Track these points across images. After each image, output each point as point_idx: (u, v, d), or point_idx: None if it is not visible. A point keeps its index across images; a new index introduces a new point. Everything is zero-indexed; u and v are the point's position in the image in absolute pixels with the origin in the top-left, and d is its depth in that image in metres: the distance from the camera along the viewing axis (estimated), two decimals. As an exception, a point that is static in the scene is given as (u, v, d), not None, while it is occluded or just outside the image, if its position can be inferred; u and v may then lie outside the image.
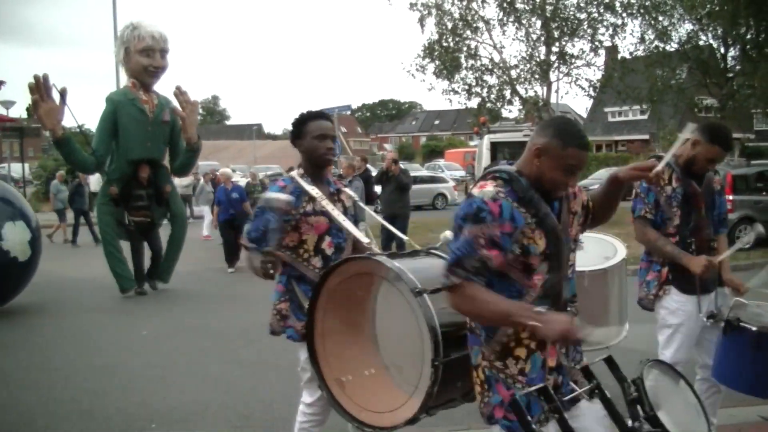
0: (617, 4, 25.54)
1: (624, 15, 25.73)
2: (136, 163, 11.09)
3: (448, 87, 27.07)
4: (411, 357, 3.08)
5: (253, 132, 71.80)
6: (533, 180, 2.61)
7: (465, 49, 27.06)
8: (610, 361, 2.81)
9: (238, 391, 6.35)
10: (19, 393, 6.38)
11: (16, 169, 35.62)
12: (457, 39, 26.85)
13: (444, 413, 3.27)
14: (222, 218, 13.68)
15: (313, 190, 3.71)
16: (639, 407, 2.60)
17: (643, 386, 2.68)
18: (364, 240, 3.62)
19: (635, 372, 2.75)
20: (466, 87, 27.00)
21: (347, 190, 4.03)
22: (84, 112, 53.36)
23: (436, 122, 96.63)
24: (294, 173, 3.83)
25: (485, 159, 18.82)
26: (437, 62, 26.82)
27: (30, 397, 6.25)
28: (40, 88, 9.92)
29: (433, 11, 26.91)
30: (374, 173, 14.62)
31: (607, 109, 51.96)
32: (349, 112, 38.08)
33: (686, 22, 25.26)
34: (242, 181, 18.75)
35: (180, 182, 23.28)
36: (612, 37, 26.28)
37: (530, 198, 2.58)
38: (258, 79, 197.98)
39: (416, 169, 34.06)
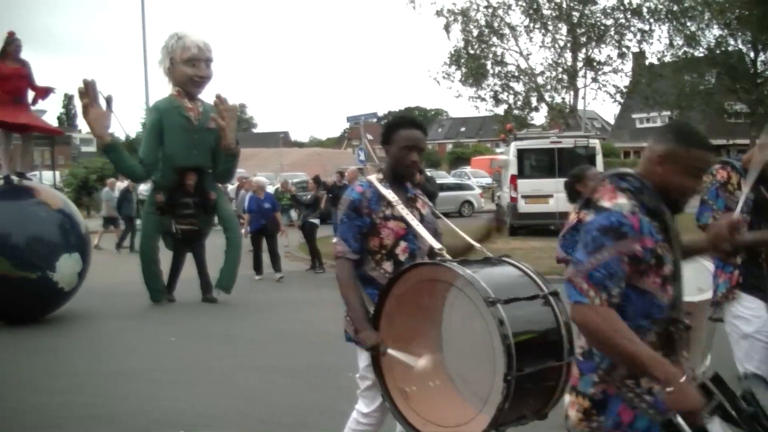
0: (644, 10, 25.42)
1: (651, 21, 25.60)
2: (183, 171, 10.98)
3: (474, 94, 27.12)
4: (480, 369, 2.93)
5: (279, 140, 72.11)
6: (658, 189, 2.51)
7: (491, 55, 27.08)
8: (716, 379, 2.63)
9: (259, 396, 6.37)
10: (42, 397, 6.44)
11: (47, 176, 36.15)
12: (483, 46, 26.87)
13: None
14: (253, 227, 13.52)
15: (390, 195, 3.61)
16: (756, 423, 2.46)
17: (756, 400, 2.53)
18: (436, 246, 3.46)
19: (738, 388, 2.60)
20: (493, 94, 27.02)
21: (423, 197, 3.90)
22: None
23: (462, 129, 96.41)
24: (372, 177, 3.73)
25: (512, 166, 18.72)
26: (463, 69, 26.85)
27: (53, 401, 6.31)
28: (89, 92, 9.86)
29: (459, 18, 26.97)
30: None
31: (634, 116, 51.49)
32: (375, 120, 38.08)
33: (715, 27, 25.04)
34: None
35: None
36: (639, 42, 26.19)
37: (657, 207, 2.48)
38: (285, 87, 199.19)
39: (442, 177, 34.04)
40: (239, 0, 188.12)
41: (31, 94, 10.31)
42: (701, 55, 25.47)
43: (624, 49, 26.36)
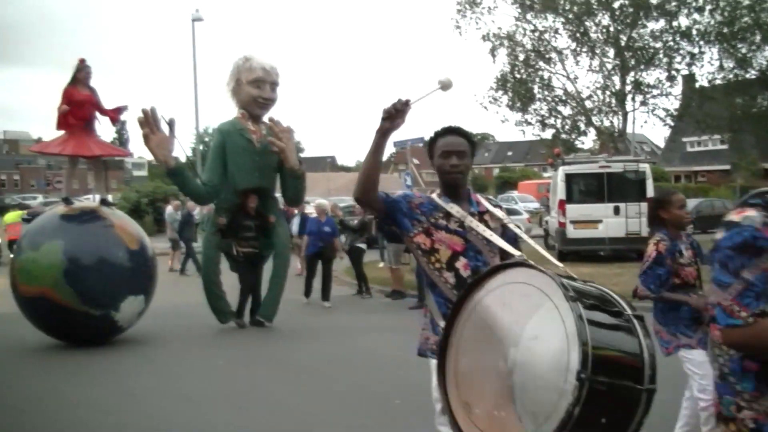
0: (694, 32, 25.12)
1: (701, 43, 25.28)
2: (244, 194, 10.97)
3: (521, 118, 27.01)
4: (549, 380, 2.65)
5: (326, 164, 72.77)
6: None
7: (538, 80, 27.00)
8: None
9: (311, 420, 6.38)
10: (95, 416, 6.57)
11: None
12: (529, 70, 26.82)
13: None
14: (311, 251, 13.36)
15: (453, 209, 3.47)
16: None
17: None
18: (516, 253, 3.20)
19: None
20: (540, 118, 26.90)
21: (497, 211, 3.69)
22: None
23: (509, 153, 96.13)
24: (433, 194, 3.61)
25: (560, 191, 18.53)
26: (510, 94, 26.79)
27: (106, 421, 6.44)
28: (149, 121, 9.81)
29: (505, 42, 26.98)
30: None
31: (685, 139, 50.72)
32: (421, 144, 38.09)
33: (767, 49, 24.61)
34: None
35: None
36: (689, 65, 25.84)
37: None
38: (331, 112, 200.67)
39: (489, 201, 33.86)
40: (282, 26, 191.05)
41: (102, 119, 10.45)
42: (753, 77, 25.03)
43: (673, 72, 26.04)
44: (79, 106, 10.00)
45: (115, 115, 10.50)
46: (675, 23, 25.33)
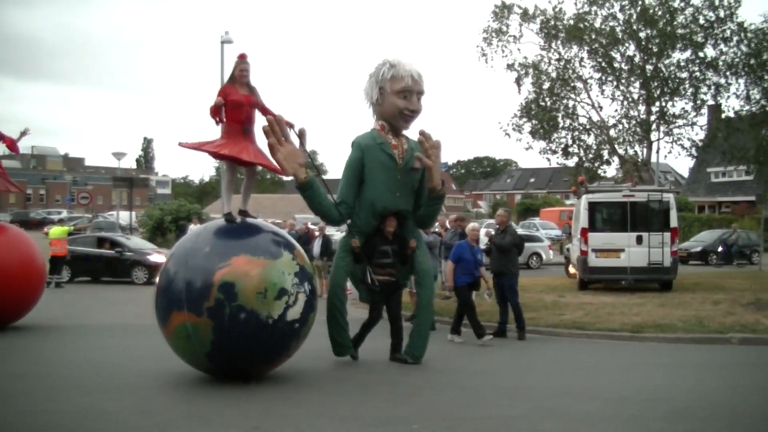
0: (720, 63, 25.04)
1: (728, 74, 25.18)
2: (383, 215, 10.02)
3: (545, 146, 26.98)
4: None
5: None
6: None
7: (562, 108, 26.98)
8: None
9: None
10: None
11: (123, 216, 37.77)
12: (554, 98, 26.81)
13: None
14: (464, 281, 11.77)
15: None
16: None
17: None
18: None
19: None
20: (563, 146, 26.85)
21: None
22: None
23: (532, 180, 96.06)
24: None
25: (583, 219, 18.49)
26: (534, 122, 26.79)
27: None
28: (275, 130, 9.09)
29: (530, 71, 27.03)
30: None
31: (710, 170, 50.44)
32: (444, 169, 38.21)
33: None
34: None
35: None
36: (715, 96, 25.72)
37: None
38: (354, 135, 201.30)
39: (511, 227, 33.77)
40: (313, 51, 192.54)
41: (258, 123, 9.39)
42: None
43: (699, 102, 25.92)
44: (234, 107, 8.94)
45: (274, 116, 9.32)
46: (701, 54, 25.28)
